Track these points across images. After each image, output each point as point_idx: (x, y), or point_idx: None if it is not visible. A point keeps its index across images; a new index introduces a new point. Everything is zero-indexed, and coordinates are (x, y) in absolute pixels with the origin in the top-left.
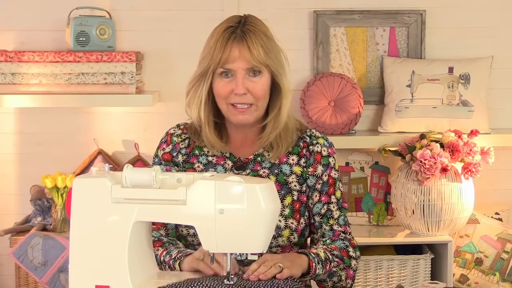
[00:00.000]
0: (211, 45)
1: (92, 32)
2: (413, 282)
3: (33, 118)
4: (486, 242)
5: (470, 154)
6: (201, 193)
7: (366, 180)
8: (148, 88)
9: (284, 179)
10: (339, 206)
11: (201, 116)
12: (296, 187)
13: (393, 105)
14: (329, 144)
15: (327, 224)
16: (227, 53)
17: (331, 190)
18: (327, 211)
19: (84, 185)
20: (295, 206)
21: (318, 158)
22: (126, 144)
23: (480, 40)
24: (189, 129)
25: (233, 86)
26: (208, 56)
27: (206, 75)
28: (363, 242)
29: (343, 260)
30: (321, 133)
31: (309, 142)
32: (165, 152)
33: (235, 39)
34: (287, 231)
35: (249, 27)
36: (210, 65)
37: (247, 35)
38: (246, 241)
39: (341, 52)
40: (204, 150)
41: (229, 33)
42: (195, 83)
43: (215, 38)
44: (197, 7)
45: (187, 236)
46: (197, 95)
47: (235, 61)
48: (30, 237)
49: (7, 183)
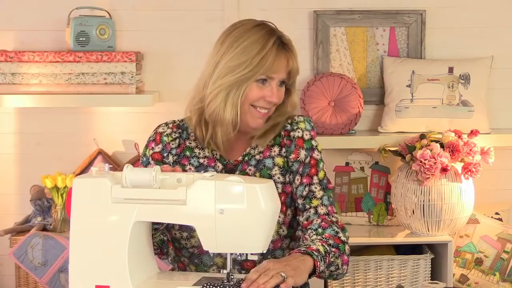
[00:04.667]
0: (257, 51)
1: (92, 32)
2: (413, 282)
3: (33, 118)
4: (486, 242)
5: (470, 154)
6: (201, 193)
7: (366, 180)
8: (148, 88)
9: (268, 173)
10: (323, 186)
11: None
12: (279, 179)
13: (393, 105)
14: (311, 127)
15: (311, 205)
16: (277, 62)
17: (313, 171)
18: (308, 192)
19: (84, 185)
20: (281, 199)
21: (300, 143)
22: (126, 144)
23: (480, 40)
24: (178, 128)
25: (266, 93)
26: (255, 62)
27: (249, 80)
28: (363, 242)
29: (338, 248)
30: (304, 117)
31: (289, 129)
32: (154, 151)
33: (283, 49)
34: (276, 226)
35: (285, 36)
36: (258, 71)
37: (289, 46)
38: (246, 241)
39: (341, 52)
40: (195, 152)
41: (277, 42)
42: (233, 85)
43: (263, 45)
44: (197, 7)
45: (180, 239)
46: (233, 97)
47: (280, 71)
48: (30, 237)
49: (7, 183)
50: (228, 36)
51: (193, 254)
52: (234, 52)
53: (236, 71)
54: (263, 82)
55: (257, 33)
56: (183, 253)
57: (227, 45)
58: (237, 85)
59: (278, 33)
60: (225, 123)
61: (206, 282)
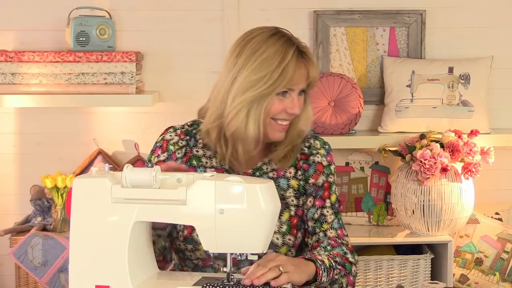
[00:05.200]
0: (277, 64)
1: (92, 32)
2: (413, 282)
3: (33, 118)
4: (486, 242)
5: (470, 154)
6: (201, 193)
7: (366, 180)
8: (148, 88)
9: (281, 194)
10: (335, 210)
11: (256, 134)
12: (293, 202)
13: (393, 105)
14: (327, 152)
15: (321, 229)
16: (297, 72)
17: (326, 194)
18: (320, 215)
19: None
20: (293, 222)
21: (320, 168)
22: (126, 144)
23: (480, 40)
24: (186, 134)
25: (287, 105)
26: (275, 75)
27: (270, 95)
28: (363, 242)
29: (344, 267)
30: (318, 138)
31: (307, 153)
32: (159, 160)
33: (302, 58)
34: (285, 248)
35: (302, 43)
36: (279, 84)
37: (308, 54)
38: (246, 241)
39: (341, 52)
40: (203, 161)
41: (296, 52)
42: (254, 101)
43: (282, 57)
44: (197, 7)
45: (184, 251)
46: (255, 113)
47: (301, 81)
48: (30, 237)
49: (7, 183)
50: (244, 48)
51: (197, 266)
52: (253, 65)
53: (257, 86)
54: (284, 94)
55: (275, 43)
56: (187, 263)
57: (245, 58)
58: (258, 100)
59: (296, 42)
60: (248, 141)
61: (206, 282)
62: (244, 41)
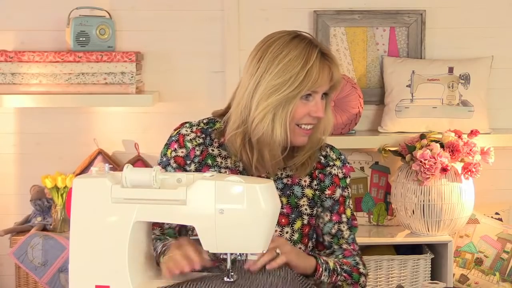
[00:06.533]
0: (301, 66)
1: (92, 32)
2: (413, 282)
3: (33, 118)
4: (486, 242)
5: (470, 154)
6: (201, 193)
7: (366, 180)
8: (148, 88)
9: (295, 202)
10: (349, 225)
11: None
12: (307, 211)
13: (393, 105)
14: (342, 164)
15: (337, 244)
16: (322, 74)
17: (342, 209)
18: (337, 231)
19: (84, 185)
20: (304, 231)
21: (336, 181)
22: (126, 144)
23: (480, 40)
24: (202, 133)
25: (311, 108)
26: (300, 78)
27: (295, 98)
28: (363, 242)
29: (351, 276)
30: (334, 150)
31: (324, 163)
32: (177, 155)
33: (325, 60)
34: None
35: (323, 45)
36: (304, 87)
37: (330, 56)
38: (246, 241)
39: (341, 52)
40: (217, 161)
41: (319, 54)
42: (279, 105)
43: (306, 59)
44: (197, 7)
45: None
46: (281, 117)
47: (325, 84)
48: (30, 237)
49: (7, 183)
50: (266, 52)
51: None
52: (276, 69)
53: (282, 90)
54: (307, 98)
55: (297, 46)
56: None
57: (267, 62)
58: (284, 104)
59: (318, 44)
60: (275, 146)
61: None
62: (265, 45)
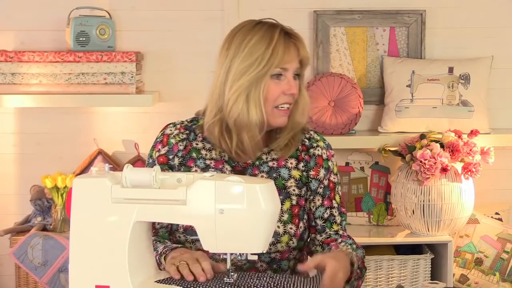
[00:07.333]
0: (266, 46)
1: (92, 32)
2: (413, 282)
3: (33, 118)
4: (486, 242)
5: (470, 154)
6: (201, 193)
7: (366, 180)
8: (148, 88)
9: (283, 183)
10: (339, 211)
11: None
12: (295, 192)
13: (393, 105)
14: (327, 147)
15: (331, 229)
16: (287, 51)
17: (332, 195)
18: (330, 215)
19: (84, 185)
20: (294, 211)
21: (320, 161)
22: (126, 144)
23: (480, 40)
24: (186, 129)
25: (284, 87)
26: (266, 56)
27: (265, 76)
28: (363, 242)
29: (361, 272)
30: (318, 134)
31: (308, 145)
32: (160, 154)
33: (290, 38)
34: (286, 237)
35: (286, 27)
36: (271, 64)
37: (294, 34)
38: (246, 241)
39: (341, 52)
40: (202, 153)
41: (283, 33)
42: (250, 85)
43: (269, 39)
44: (197, 7)
45: (185, 243)
46: (254, 96)
47: (292, 60)
48: (30, 237)
49: (7, 183)
50: (232, 40)
51: None
52: (243, 53)
53: (250, 70)
54: (278, 77)
55: (260, 29)
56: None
57: (234, 49)
58: (255, 83)
59: (279, 25)
60: (252, 126)
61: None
62: (231, 35)
